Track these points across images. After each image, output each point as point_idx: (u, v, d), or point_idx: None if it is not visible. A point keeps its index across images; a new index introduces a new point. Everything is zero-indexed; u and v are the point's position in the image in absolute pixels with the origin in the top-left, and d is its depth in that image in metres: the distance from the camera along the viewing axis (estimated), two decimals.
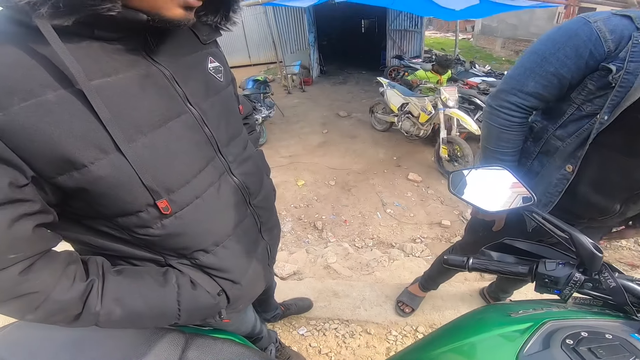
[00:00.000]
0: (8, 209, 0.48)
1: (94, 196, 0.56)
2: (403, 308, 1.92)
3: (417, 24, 9.09)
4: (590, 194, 0.98)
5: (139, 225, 0.62)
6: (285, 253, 2.82)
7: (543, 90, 0.94)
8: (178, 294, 0.69)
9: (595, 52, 0.84)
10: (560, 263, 0.64)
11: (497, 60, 12.18)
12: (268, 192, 0.94)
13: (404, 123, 4.95)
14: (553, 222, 0.65)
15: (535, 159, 1.08)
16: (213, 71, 0.75)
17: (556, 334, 0.53)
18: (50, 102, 0.48)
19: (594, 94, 0.88)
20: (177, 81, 0.64)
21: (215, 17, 0.72)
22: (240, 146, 0.81)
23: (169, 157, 0.62)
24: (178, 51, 0.67)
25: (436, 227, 3.41)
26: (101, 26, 0.52)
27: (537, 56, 0.93)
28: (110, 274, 0.64)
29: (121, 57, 0.57)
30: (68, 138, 0.50)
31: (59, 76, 0.49)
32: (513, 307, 0.65)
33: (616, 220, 1.05)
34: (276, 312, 1.77)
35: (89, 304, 0.59)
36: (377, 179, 4.35)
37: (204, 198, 0.69)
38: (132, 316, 0.64)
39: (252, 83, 5.66)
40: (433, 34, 21.50)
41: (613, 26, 0.82)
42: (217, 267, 0.75)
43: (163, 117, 0.61)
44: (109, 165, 0.54)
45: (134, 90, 0.57)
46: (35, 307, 0.54)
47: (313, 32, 9.48)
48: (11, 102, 0.45)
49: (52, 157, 0.50)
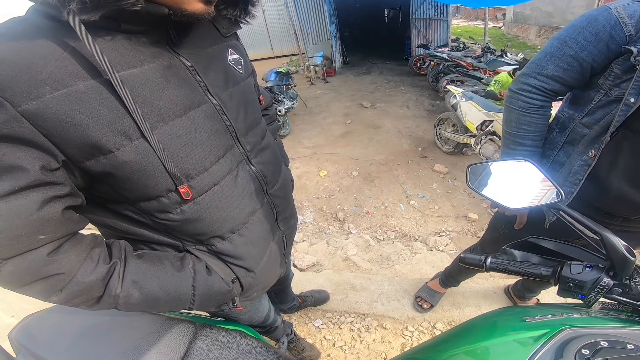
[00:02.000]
0: (39, 191, 0.51)
1: (119, 180, 0.59)
2: (421, 304, 1.87)
3: (443, 13, 8.83)
4: (622, 185, 0.91)
5: (159, 209, 0.65)
6: (306, 244, 2.83)
7: (563, 74, 0.95)
8: (194, 279, 0.71)
9: (615, 36, 0.84)
10: (587, 266, 0.59)
11: (531, 48, 11.58)
12: (285, 182, 0.96)
13: (486, 147, 3.75)
14: (582, 221, 0.60)
15: (560, 149, 1.05)
16: (233, 63, 0.77)
17: (572, 343, 0.49)
18: (80, 92, 0.51)
19: (620, 78, 0.86)
20: (197, 72, 0.66)
21: (234, 11, 0.74)
22: (259, 135, 0.83)
23: (189, 144, 0.64)
24: (199, 43, 0.69)
25: (462, 220, 3.30)
26: (126, 20, 0.54)
27: (558, 41, 0.94)
28: (131, 258, 0.66)
29: (145, 49, 0.59)
30: (96, 125, 0.53)
31: (88, 67, 0.52)
32: (530, 311, 0.61)
33: None
34: (293, 304, 1.78)
35: (110, 286, 0.61)
36: (400, 170, 4.26)
37: (221, 185, 0.71)
38: (149, 300, 0.66)
39: (274, 75, 5.68)
40: (461, 22, 20.74)
41: (632, 11, 0.83)
42: (232, 254, 0.77)
43: (184, 107, 0.63)
44: (134, 151, 0.57)
45: (157, 81, 0.60)
46: (60, 288, 0.57)
47: (335, 23, 9.44)
48: (44, 92, 0.49)
49: (81, 143, 0.53)
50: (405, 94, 7.22)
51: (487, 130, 3.73)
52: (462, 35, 13.38)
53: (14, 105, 0.47)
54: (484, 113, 3.73)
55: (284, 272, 0.99)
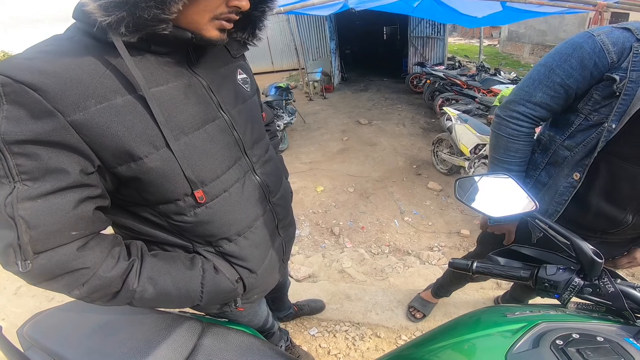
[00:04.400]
0: (77, 192, 0.58)
1: (145, 184, 0.66)
2: (414, 313, 1.92)
3: (440, 31, 9.01)
4: (601, 203, 0.98)
5: (176, 212, 0.73)
6: (302, 256, 2.87)
7: (550, 101, 0.98)
8: (202, 277, 0.77)
9: (599, 63, 0.87)
10: (560, 268, 0.66)
11: (524, 67, 11.87)
12: (286, 192, 1.03)
13: (479, 171, 3.70)
14: (555, 228, 0.67)
15: (543, 169, 1.10)
16: (241, 82, 0.87)
17: (547, 335, 0.55)
18: (119, 105, 0.59)
19: (599, 103, 0.91)
20: (212, 90, 0.75)
21: (243, 34, 0.81)
22: (263, 149, 0.91)
23: (205, 154, 0.72)
24: (213, 64, 0.78)
25: (455, 236, 3.37)
26: (156, 42, 0.63)
27: (545, 68, 0.97)
28: (147, 256, 0.73)
29: (170, 69, 0.68)
30: (130, 135, 0.61)
31: (125, 84, 0.60)
32: (511, 308, 0.67)
33: (630, 233, 1.04)
34: (289, 312, 1.82)
35: (127, 282, 0.67)
36: (395, 187, 4.35)
37: (230, 192, 0.79)
38: (162, 295, 0.72)
39: (274, 90, 5.79)
40: (457, 40, 21.21)
41: (615, 38, 0.86)
42: (238, 255, 0.84)
43: (202, 121, 0.72)
44: (159, 159, 0.65)
45: (180, 98, 0.68)
46: (83, 282, 0.62)
47: (334, 40, 9.60)
48: (89, 104, 0.56)
49: (116, 150, 0.60)
50: (402, 112, 7.36)
51: (480, 154, 3.76)
52: (458, 53, 13.72)
53: (64, 115, 0.54)
54: (477, 137, 3.76)
55: (282, 278, 1.05)
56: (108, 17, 0.54)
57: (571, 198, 1.01)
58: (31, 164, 0.53)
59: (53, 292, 2.42)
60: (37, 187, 0.54)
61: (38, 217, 0.54)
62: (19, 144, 0.52)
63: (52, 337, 0.86)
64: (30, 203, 0.54)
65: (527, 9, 4.61)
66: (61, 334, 0.87)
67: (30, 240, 0.54)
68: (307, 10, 4.38)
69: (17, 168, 0.53)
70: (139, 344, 0.82)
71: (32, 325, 0.90)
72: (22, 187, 0.53)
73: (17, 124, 0.52)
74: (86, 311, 0.94)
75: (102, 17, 0.54)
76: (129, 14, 0.54)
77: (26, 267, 0.55)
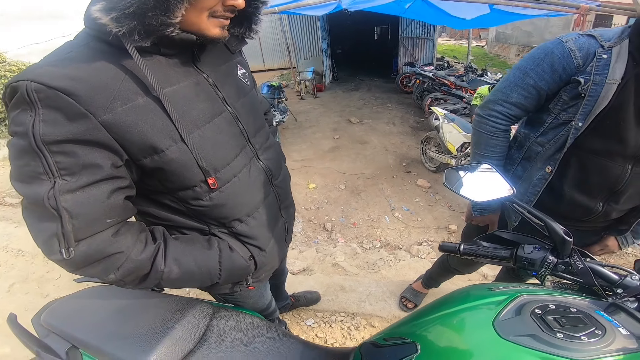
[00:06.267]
0: (109, 183, 0.65)
1: (167, 173, 0.73)
2: (406, 304, 2.02)
3: (430, 32, 9.15)
4: (574, 194, 1.08)
5: (193, 197, 0.80)
6: (296, 251, 2.94)
7: (524, 101, 1.08)
8: (220, 256, 0.85)
9: (567, 67, 0.97)
10: (536, 247, 0.75)
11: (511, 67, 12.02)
12: (285, 175, 1.12)
13: None
14: (531, 211, 0.76)
15: (518, 164, 1.21)
16: (241, 77, 0.94)
17: (527, 305, 0.63)
18: (141, 105, 0.66)
19: (567, 103, 1.01)
20: (217, 86, 0.82)
21: (240, 29, 0.87)
22: (264, 137, 1.00)
23: (215, 145, 0.79)
24: (215, 61, 0.85)
25: (443, 231, 3.49)
26: (165, 45, 0.69)
27: (520, 71, 1.07)
28: (170, 239, 0.80)
29: (179, 69, 0.75)
30: (153, 131, 0.68)
31: (142, 86, 0.67)
32: (496, 284, 0.76)
33: (602, 221, 1.14)
34: (286, 302, 1.89)
35: (156, 264, 0.74)
36: (386, 184, 4.45)
37: (239, 177, 0.86)
38: (187, 274, 0.79)
39: (267, 88, 5.81)
40: (446, 40, 21.43)
41: (581, 44, 0.96)
42: (249, 234, 0.92)
43: (211, 115, 0.79)
44: (178, 151, 0.72)
45: (191, 95, 0.75)
46: (118, 266, 0.69)
47: (326, 39, 9.63)
48: (116, 106, 0.63)
49: (142, 145, 0.67)
50: (392, 111, 7.47)
51: (466, 152, 3.91)
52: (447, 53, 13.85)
53: (96, 116, 0.60)
54: (463, 135, 3.92)
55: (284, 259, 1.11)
56: (122, 27, 0.59)
57: (547, 189, 1.11)
58: (69, 160, 0.60)
59: (47, 289, 2.46)
60: (75, 181, 0.61)
61: (78, 207, 0.61)
62: (57, 143, 0.58)
63: (70, 323, 0.89)
64: (71, 195, 0.60)
65: (514, 12, 4.74)
66: (79, 320, 0.90)
67: (73, 229, 0.61)
68: (301, 10, 4.43)
69: (57, 165, 0.59)
70: (155, 326, 0.86)
71: (49, 312, 0.92)
72: (62, 182, 0.59)
73: (54, 126, 0.58)
74: (100, 298, 0.97)
75: (116, 29, 0.59)
76: (139, 22, 0.60)
77: (70, 254, 0.61)
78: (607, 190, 1.03)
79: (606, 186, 1.02)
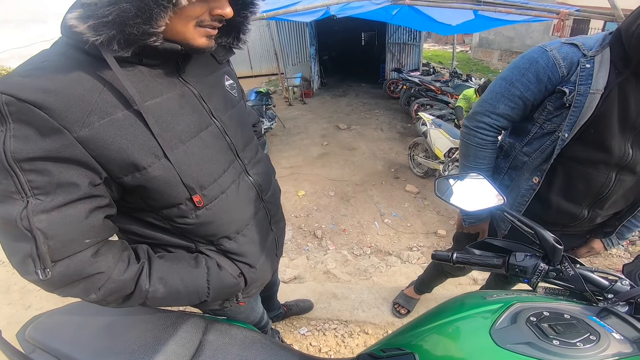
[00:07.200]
0: (87, 203, 0.62)
1: (149, 191, 0.70)
2: (399, 309, 2.02)
3: (416, 38, 9.26)
4: (560, 201, 1.10)
5: (179, 215, 0.76)
6: (287, 259, 2.92)
7: (511, 112, 1.08)
8: (207, 274, 0.82)
9: (552, 77, 0.97)
10: (528, 255, 0.76)
11: (494, 72, 12.34)
12: (275, 189, 1.08)
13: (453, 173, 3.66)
14: (521, 219, 0.77)
15: (505, 174, 1.22)
16: (229, 88, 0.90)
17: (522, 313, 0.64)
18: (120, 120, 0.62)
19: (552, 113, 1.02)
20: (203, 98, 0.78)
21: (228, 39, 0.85)
22: (253, 151, 0.96)
23: (201, 160, 0.76)
24: (201, 72, 0.81)
25: (432, 236, 3.52)
26: (147, 55, 0.65)
27: (505, 82, 1.06)
28: (155, 258, 0.77)
29: (162, 80, 0.71)
30: (134, 147, 0.64)
31: (122, 98, 0.63)
32: (489, 292, 0.77)
33: (587, 225, 1.17)
34: (279, 312, 1.87)
35: (140, 284, 0.71)
36: (375, 190, 4.48)
37: (227, 193, 0.83)
38: (172, 294, 0.77)
39: (254, 95, 5.80)
40: (432, 46, 21.81)
41: (564, 53, 0.95)
42: (238, 252, 0.89)
43: (196, 129, 0.75)
44: (161, 168, 0.68)
45: (175, 108, 0.71)
46: (99, 286, 0.66)
47: (314, 45, 9.66)
48: (93, 120, 0.59)
49: (121, 162, 0.63)
50: (380, 117, 7.54)
51: (454, 157, 3.94)
52: (433, 59, 14.11)
53: (71, 132, 0.57)
54: (450, 141, 3.95)
55: (274, 274, 1.09)
56: (99, 36, 0.56)
57: (534, 198, 1.13)
58: (42, 179, 0.56)
59: (30, 300, 2.39)
60: (50, 201, 0.57)
61: (54, 228, 0.58)
62: (30, 161, 0.55)
63: (57, 338, 0.85)
64: (45, 215, 0.57)
65: (497, 17, 4.87)
66: (66, 335, 0.87)
67: (48, 250, 0.58)
68: (290, 16, 4.45)
69: (29, 184, 0.55)
70: (147, 342, 0.83)
71: (34, 327, 0.88)
72: (36, 202, 0.56)
73: (26, 142, 0.54)
74: (87, 312, 0.94)
75: (93, 37, 0.56)
76: (119, 31, 0.56)
77: (46, 275, 0.58)
78: (592, 197, 1.05)
79: (591, 194, 1.05)
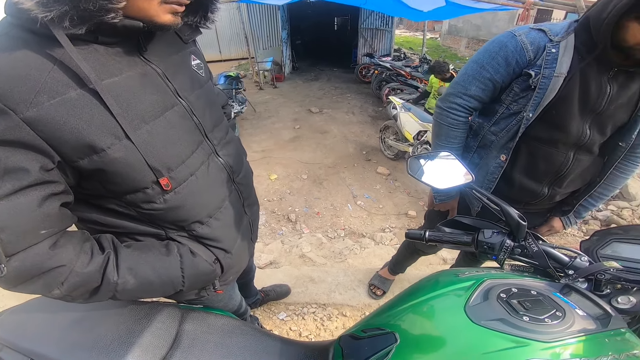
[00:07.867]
0: (39, 189, 0.57)
1: (109, 175, 0.65)
2: (375, 291, 2.08)
3: (388, 23, 9.30)
4: (523, 179, 1.17)
5: (145, 200, 0.72)
6: (261, 244, 2.92)
7: (482, 93, 1.13)
8: (181, 262, 0.80)
9: (520, 60, 1.02)
10: (495, 232, 0.80)
11: (461, 59, 12.63)
12: (247, 171, 1.06)
13: None
14: (488, 197, 0.80)
15: (475, 152, 1.28)
16: (195, 67, 0.87)
17: (493, 289, 0.67)
18: (73, 99, 0.58)
19: (518, 95, 1.07)
20: (167, 77, 0.74)
21: (195, 18, 0.81)
22: (223, 131, 0.93)
23: (167, 141, 0.72)
24: (166, 51, 0.77)
25: (403, 217, 3.62)
26: (103, 33, 0.61)
27: (477, 65, 1.11)
28: (121, 248, 0.73)
29: (122, 59, 0.66)
30: (90, 128, 0.59)
31: (76, 77, 0.58)
32: (462, 270, 0.80)
33: (547, 203, 1.25)
34: (256, 298, 1.87)
35: (107, 275, 0.67)
36: (347, 173, 4.53)
37: (197, 175, 0.80)
38: (144, 285, 0.74)
39: (224, 79, 5.63)
40: (403, 32, 21.95)
41: (532, 38, 1.01)
42: (211, 237, 0.86)
43: (161, 109, 0.71)
44: (122, 149, 0.64)
45: (136, 87, 0.67)
46: (62, 281, 0.62)
47: (286, 29, 9.49)
48: (42, 100, 0.54)
49: (76, 144, 0.59)
50: (351, 101, 7.57)
51: (422, 139, 4.10)
52: (404, 45, 14.21)
53: (17, 112, 0.52)
54: (419, 124, 4.11)
55: (251, 257, 1.08)
56: (49, 12, 0.51)
57: (501, 176, 1.19)
58: None
59: None
60: None
61: (4, 219, 0.53)
62: None
63: (24, 336, 0.81)
64: None
65: (466, 5, 4.96)
66: (34, 332, 0.82)
67: (1, 244, 0.53)
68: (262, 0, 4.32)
69: None
70: (121, 335, 0.80)
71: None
72: None
73: None
74: (54, 308, 0.88)
75: (42, 14, 0.51)
76: (71, 7, 0.52)
77: (2, 272, 0.54)
78: (552, 175, 1.12)
79: (551, 172, 1.12)
